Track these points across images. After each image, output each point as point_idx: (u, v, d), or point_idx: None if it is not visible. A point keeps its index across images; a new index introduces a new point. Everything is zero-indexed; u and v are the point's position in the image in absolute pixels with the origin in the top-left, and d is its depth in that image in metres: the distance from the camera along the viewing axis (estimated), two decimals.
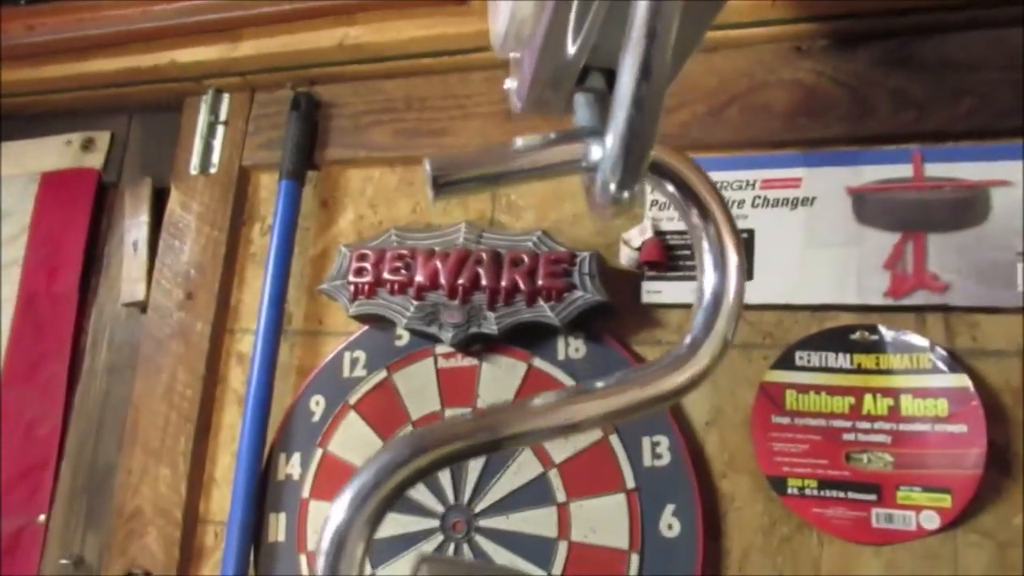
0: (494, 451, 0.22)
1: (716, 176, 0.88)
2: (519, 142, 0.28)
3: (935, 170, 0.83)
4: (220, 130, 1.13)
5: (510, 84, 0.38)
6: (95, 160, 1.22)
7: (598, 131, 0.27)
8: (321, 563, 0.21)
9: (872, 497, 0.77)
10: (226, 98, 1.14)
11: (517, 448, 0.24)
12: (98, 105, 1.22)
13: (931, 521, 0.75)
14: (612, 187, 0.25)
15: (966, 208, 0.81)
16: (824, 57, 0.88)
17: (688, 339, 0.27)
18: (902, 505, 0.76)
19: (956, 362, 0.78)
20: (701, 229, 0.25)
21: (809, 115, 0.88)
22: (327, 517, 0.20)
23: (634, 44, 0.25)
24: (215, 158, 1.12)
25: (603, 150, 0.26)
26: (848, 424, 0.80)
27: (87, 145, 1.22)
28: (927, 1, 0.83)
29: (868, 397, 0.80)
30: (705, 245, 0.25)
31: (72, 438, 1.12)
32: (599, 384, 0.25)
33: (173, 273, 1.10)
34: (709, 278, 0.25)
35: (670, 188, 0.26)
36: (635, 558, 0.82)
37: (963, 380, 0.77)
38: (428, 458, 0.22)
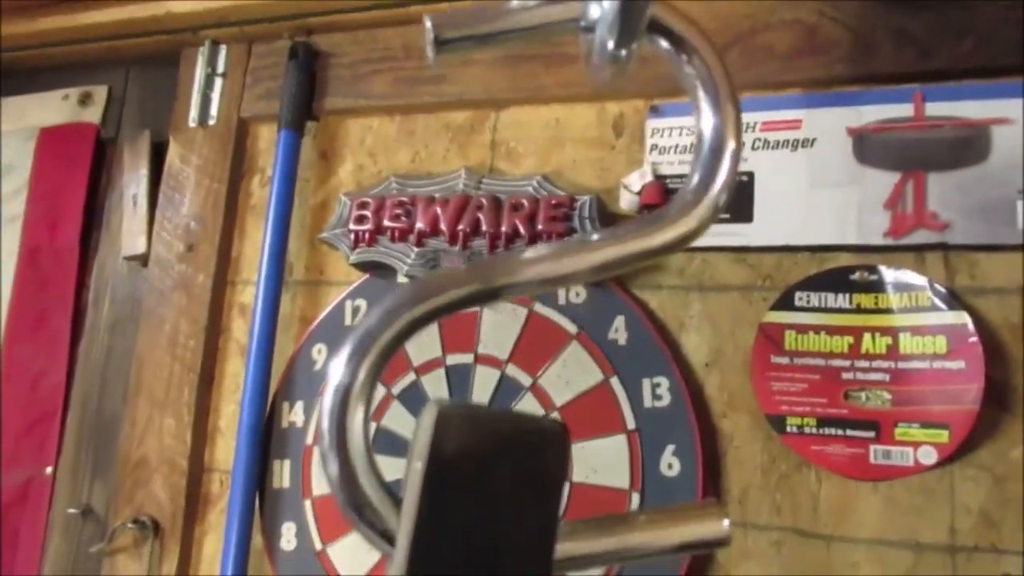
0: (490, 300, 0.22)
1: None
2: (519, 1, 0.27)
3: (936, 109, 0.83)
4: (218, 82, 1.12)
5: None
6: (93, 115, 1.21)
7: None
8: (325, 423, 0.21)
9: (870, 434, 0.78)
10: (223, 50, 1.13)
11: (510, 297, 0.24)
12: (95, 59, 1.21)
13: (928, 456, 0.76)
14: (610, 44, 0.25)
15: (966, 147, 0.81)
16: None
17: (682, 199, 0.27)
18: (900, 441, 0.77)
19: (955, 300, 0.78)
20: (699, 88, 0.25)
21: (810, 56, 0.87)
22: (328, 374, 0.21)
23: None
24: (213, 110, 1.12)
25: (601, 8, 0.25)
26: (847, 363, 0.80)
27: (84, 100, 1.22)
28: None
29: (867, 336, 0.80)
30: (703, 105, 0.25)
31: (77, 391, 1.12)
32: (593, 237, 0.25)
33: (173, 226, 1.10)
34: (707, 123, 0.25)
35: (666, 45, 0.26)
36: (636, 497, 0.83)
37: (962, 317, 0.77)
38: (424, 308, 0.22)
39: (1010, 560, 0.73)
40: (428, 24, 0.25)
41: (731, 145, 0.24)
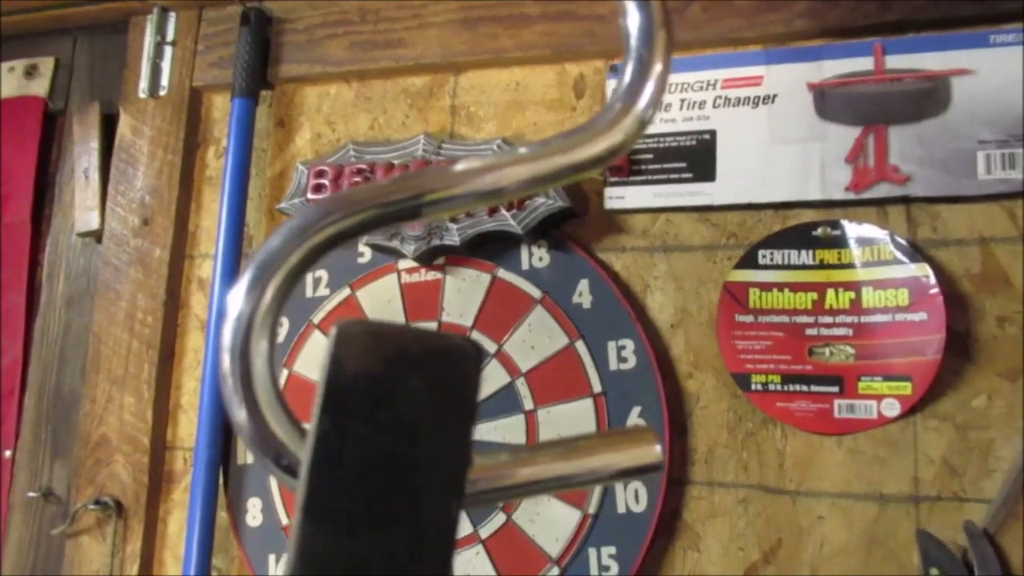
0: (416, 217, 0.21)
1: (677, 77, 0.87)
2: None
3: (896, 62, 0.82)
4: (168, 51, 1.09)
5: None
6: (40, 87, 1.17)
7: None
8: (226, 361, 0.19)
9: (834, 389, 0.78)
10: (173, 17, 1.09)
11: (440, 214, 0.23)
12: (40, 29, 1.17)
13: (892, 409, 0.76)
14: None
15: (926, 99, 0.80)
16: None
17: (609, 113, 0.26)
18: (863, 395, 0.77)
19: (916, 252, 0.78)
20: (629, 9, 0.24)
21: (770, 11, 0.86)
22: (225, 306, 0.19)
23: None
24: (164, 80, 1.08)
25: None
26: (811, 319, 0.80)
27: (30, 72, 1.18)
28: None
29: (830, 292, 0.80)
30: (631, 22, 0.24)
31: (34, 370, 1.10)
32: (522, 150, 0.24)
33: (127, 200, 1.07)
34: (633, 57, 0.23)
35: None
36: None
37: (923, 269, 0.77)
38: (342, 225, 0.21)
39: (973, 508, 0.74)
40: None
41: (658, 67, 0.23)
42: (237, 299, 0.19)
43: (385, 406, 0.20)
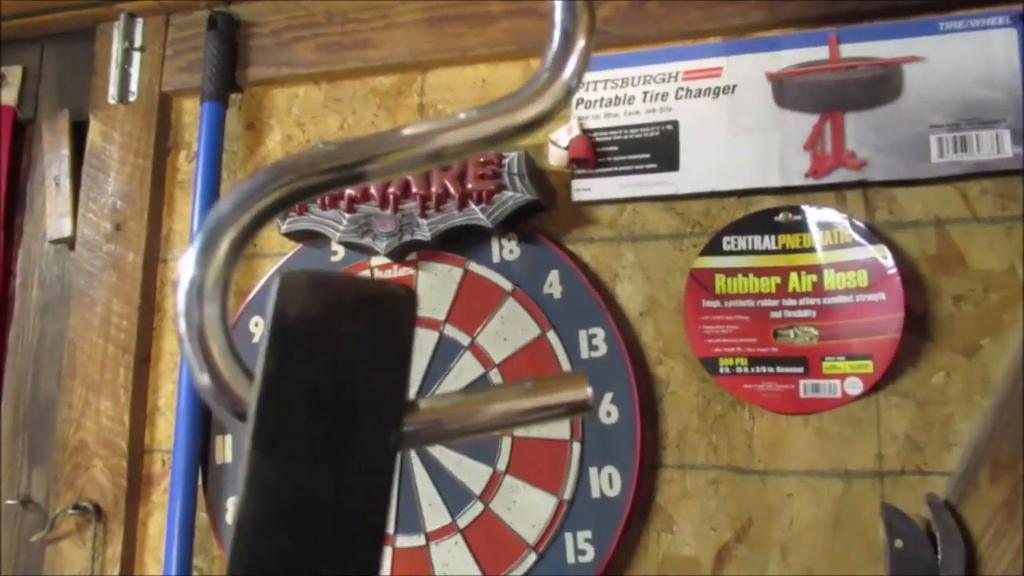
0: (362, 180, 0.22)
1: (639, 70, 0.89)
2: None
3: (851, 50, 0.84)
4: (136, 56, 1.09)
5: None
6: (8, 96, 1.17)
7: None
8: (183, 326, 0.20)
9: (800, 370, 0.80)
10: (140, 23, 1.10)
11: (385, 176, 0.24)
12: (8, 38, 1.17)
13: (855, 387, 0.78)
14: None
15: (880, 86, 0.83)
16: None
17: (537, 80, 0.27)
18: (828, 375, 0.79)
19: (875, 235, 0.80)
20: None
21: (728, 3, 0.88)
22: (178, 273, 0.20)
23: None
24: (133, 85, 1.09)
25: None
26: (775, 303, 0.82)
27: None
28: None
29: (793, 275, 0.82)
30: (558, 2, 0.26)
31: (10, 378, 1.10)
32: (461, 115, 0.26)
33: (99, 206, 1.07)
34: (557, 34, 0.25)
35: None
36: (576, 446, 0.84)
37: (882, 251, 0.79)
38: (289, 188, 0.22)
39: (935, 480, 0.76)
40: None
41: (581, 42, 0.24)
42: (188, 264, 0.20)
43: (324, 347, 0.21)
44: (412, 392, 0.87)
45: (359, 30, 1.01)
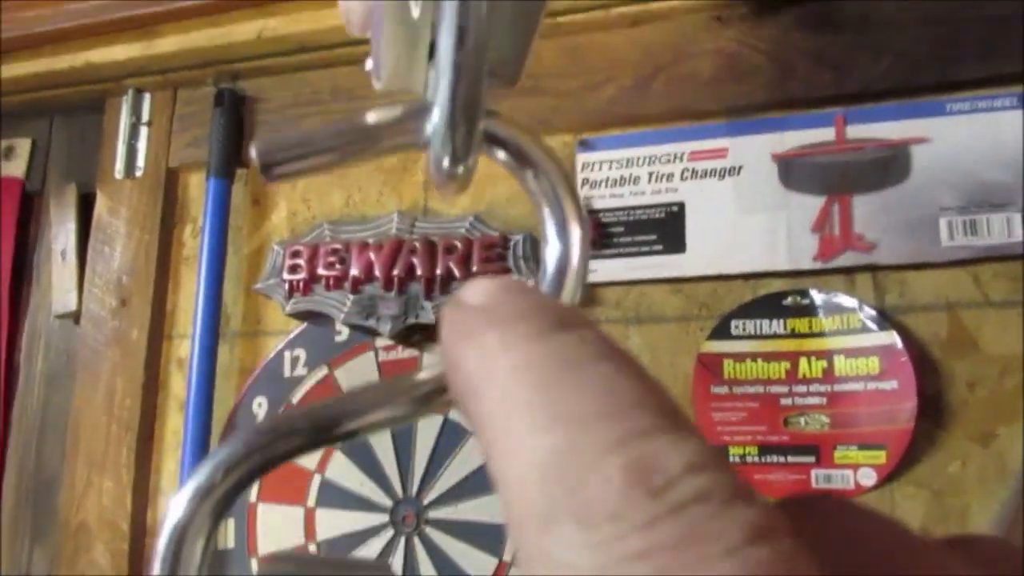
0: (343, 440, 0.21)
1: (645, 151, 0.89)
2: (358, 119, 0.26)
3: (857, 131, 0.84)
4: (144, 131, 1.10)
5: (368, 64, 0.36)
6: (17, 168, 1.18)
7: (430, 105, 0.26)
8: (156, 566, 0.20)
9: (811, 459, 0.79)
10: (147, 97, 1.11)
11: (364, 436, 0.23)
12: (17, 111, 1.18)
13: (868, 477, 0.77)
14: (445, 163, 0.24)
15: (887, 167, 0.82)
16: (743, 25, 0.89)
17: None
18: (840, 464, 0.78)
19: (885, 319, 0.79)
20: (541, 197, 0.25)
21: (732, 83, 0.88)
22: (156, 545, 0.20)
23: (447, 9, 0.24)
24: (140, 160, 1.09)
25: (432, 124, 0.25)
26: (785, 389, 0.81)
27: (7, 153, 1.19)
28: None
29: (803, 360, 0.81)
30: (547, 225, 0.25)
31: (12, 454, 1.09)
32: (422, 376, 0.24)
33: (105, 280, 1.07)
34: (552, 250, 0.24)
35: (502, 156, 0.25)
36: None
37: (892, 336, 0.78)
38: (261, 458, 0.21)
39: None
40: (254, 153, 0.24)
41: (574, 267, 0.23)
42: (164, 546, 0.20)
43: None
44: (418, 474, 0.85)
45: (364, 107, 1.01)
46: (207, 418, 0.96)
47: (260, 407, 0.96)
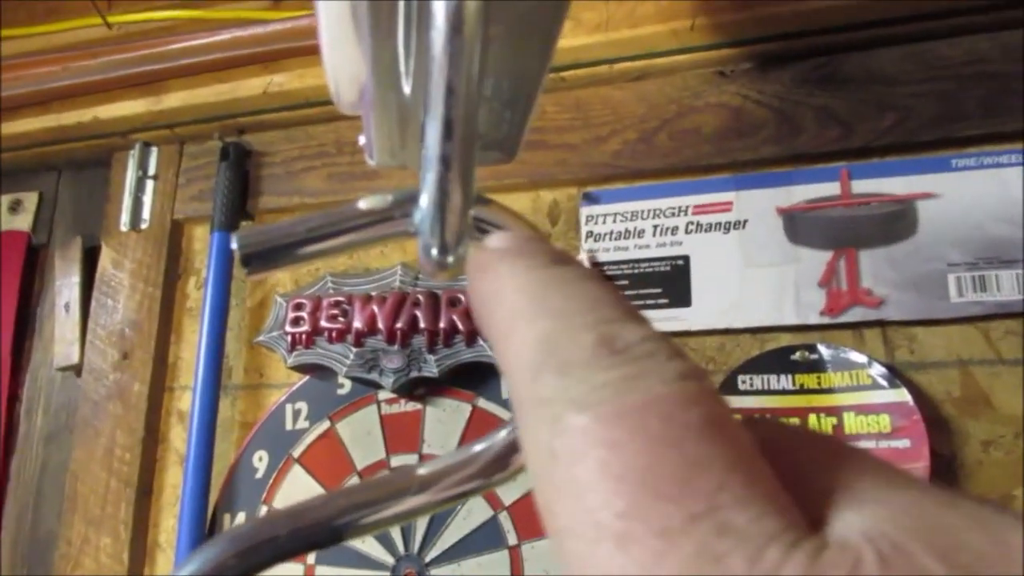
0: (332, 544, 0.20)
1: (649, 204, 0.89)
2: (346, 209, 0.26)
3: (863, 186, 0.84)
4: (150, 184, 1.11)
5: (361, 139, 0.36)
6: (23, 221, 1.19)
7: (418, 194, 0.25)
8: None
9: None
10: (154, 151, 1.11)
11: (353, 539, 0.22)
12: (25, 165, 1.19)
13: None
14: (434, 253, 0.24)
15: (894, 222, 0.81)
16: (748, 80, 0.89)
17: (497, 445, 0.25)
18: None
19: (895, 376, 0.77)
20: None
21: (737, 138, 0.88)
22: None
23: (433, 100, 0.23)
24: (146, 213, 1.10)
25: (420, 212, 0.24)
26: None
27: (15, 207, 1.19)
28: (843, 20, 0.84)
29: (812, 417, 0.79)
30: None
31: (10, 509, 1.07)
32: (412, 494, 0.23)
33: (107, 333, 1.07)
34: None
35: None
36: None
37: (903, 394, 0.76)
38: (248, 563, 0.20)
39: None
40: (235, 245, 0.24)
41: None
42: None
43: None
44: (420, 531, 0.83)
45: (367, 162, 1.02)
46: (207, 472, 0.95)
47: (261, 460, 0.95)
